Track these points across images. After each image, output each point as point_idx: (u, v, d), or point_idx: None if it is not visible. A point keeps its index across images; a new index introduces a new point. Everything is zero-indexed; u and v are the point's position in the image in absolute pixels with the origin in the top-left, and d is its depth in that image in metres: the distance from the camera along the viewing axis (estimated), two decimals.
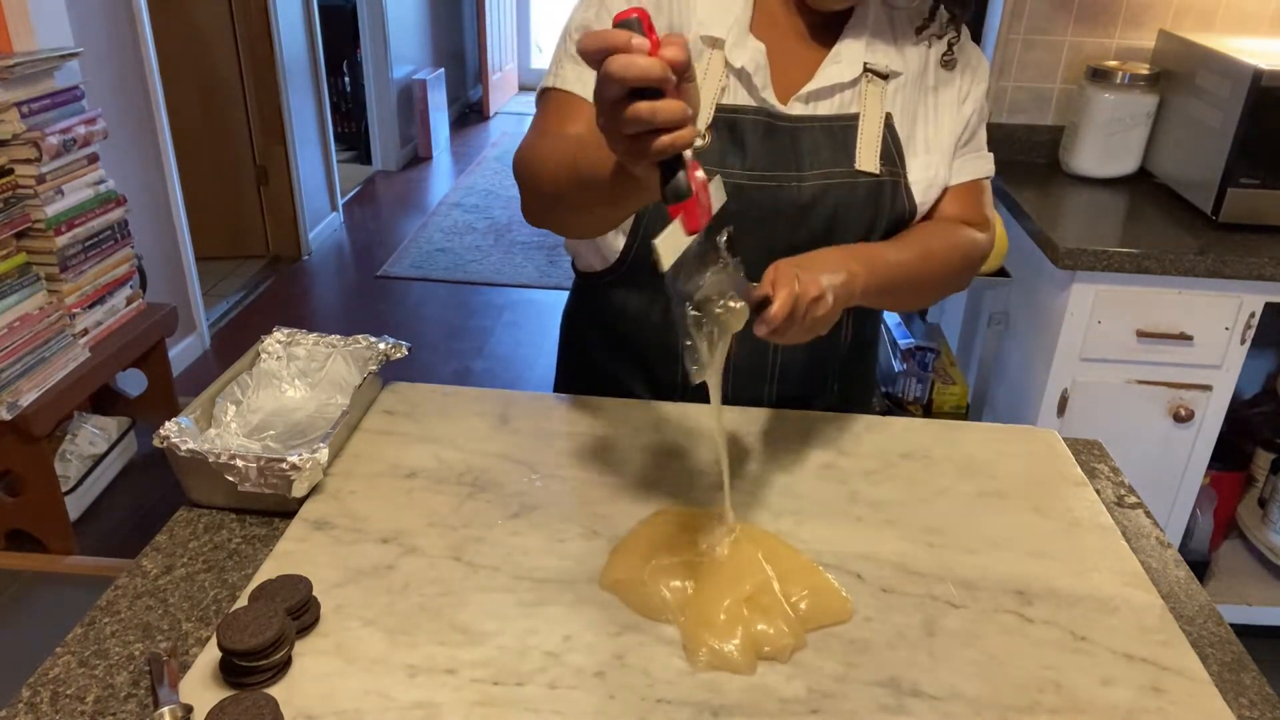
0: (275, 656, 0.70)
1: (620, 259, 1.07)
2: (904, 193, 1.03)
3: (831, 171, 1.01)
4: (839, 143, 1.02)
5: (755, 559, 0.83)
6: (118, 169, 2.56)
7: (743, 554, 0.84)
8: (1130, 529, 0.94)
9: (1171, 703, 0.72)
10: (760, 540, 0.86)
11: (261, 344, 1.09)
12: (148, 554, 0.86)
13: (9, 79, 2.00)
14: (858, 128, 1.03)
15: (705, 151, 1.00)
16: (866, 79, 1.03)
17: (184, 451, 0.88)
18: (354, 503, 0.91)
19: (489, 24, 6.41)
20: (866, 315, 1.14)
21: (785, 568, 0.83)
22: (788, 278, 0.82)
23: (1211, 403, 1.89)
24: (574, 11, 1.04)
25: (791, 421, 1.06)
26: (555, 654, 0.74)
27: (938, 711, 0.70)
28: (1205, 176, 1.92)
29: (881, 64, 1.03)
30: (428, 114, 5.65)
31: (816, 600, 0.80)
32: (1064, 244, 1.78)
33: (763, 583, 0.80)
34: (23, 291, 2.04)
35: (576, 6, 1.04)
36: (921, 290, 1.05)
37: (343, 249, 4.48)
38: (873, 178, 1.01)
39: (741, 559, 0.83)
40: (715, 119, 1.00)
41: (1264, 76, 1.77)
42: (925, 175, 1.05)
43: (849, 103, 1.03)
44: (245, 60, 3.89)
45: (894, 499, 0.95)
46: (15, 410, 1.96)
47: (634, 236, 1.05)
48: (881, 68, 1.03)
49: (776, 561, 0.84)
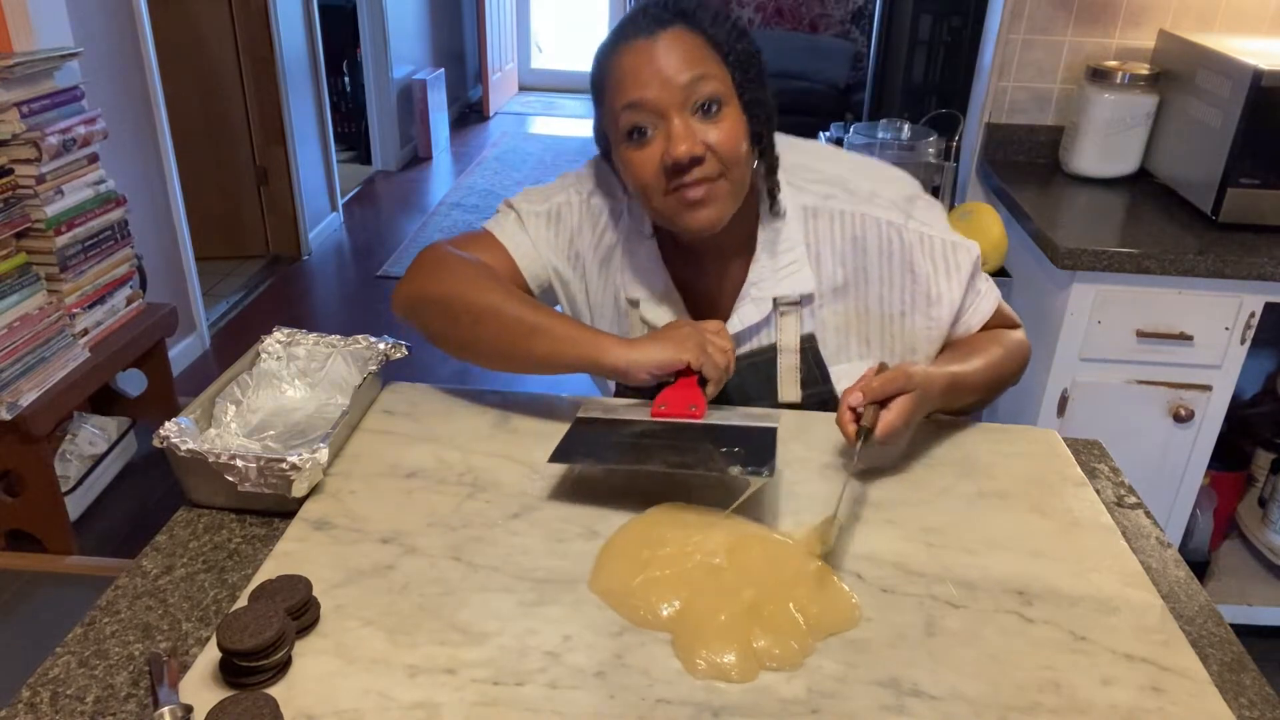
0: (275, 656, 0.70)
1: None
2: (831, 402, 1.09)
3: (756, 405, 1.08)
4: (763, 377, 1.09)
5: (757, 566, 0.83)
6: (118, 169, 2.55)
7: (742, 561, 0.83)
8: (1130, 529, 0.94)
9: (1171, 703, 0.72)
10: (764, 544, 0.86)
11: (261, 344, 1.09)
12: (148, 554, 0.86)
13: (9, 79, 2.00)
14: (776, 360, 1.09)
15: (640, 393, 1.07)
16: (779, 312, 1.07)
17: (184, 451, 0.88)
18: (354, 503, 0.91)
19: (489, 24, 6.41)
20: None
21: (791, 573, 0.83)
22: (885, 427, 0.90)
23: (1211, 403, 1.89)
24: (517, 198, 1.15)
25: (791, 421, 1.06)
26: (555, 654, 0.74)
27: (938, 711, 0.70)
28: (1205, 176, 1.92)
29: (793, 291, 1.06)
30: (428, 114, 5.65)
31: (825, 608, 0.79)
32: (1064, 244, 1.78)
33: (765, 591, 0.80)
34: (23, 291, 2.04)
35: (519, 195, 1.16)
36: (983, 397, 1.09)
37: (343, 249, 4.48)
38: (795, 407, 1.09)
39: (741, 566, 0.83)
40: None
41: (1264, 76, 1.77)
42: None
43: (764, 335, 1.08)
44: (245, 60, 3.89)
45: (894, 499, 0.95)
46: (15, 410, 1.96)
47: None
48: (794, 295, 1.06)
49: (782, 566, 0.83)
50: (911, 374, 0.93)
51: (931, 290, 1.07)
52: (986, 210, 1.96)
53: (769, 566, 0.83)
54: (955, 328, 1.11)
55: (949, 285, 1.07)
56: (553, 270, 1.14)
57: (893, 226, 1.06)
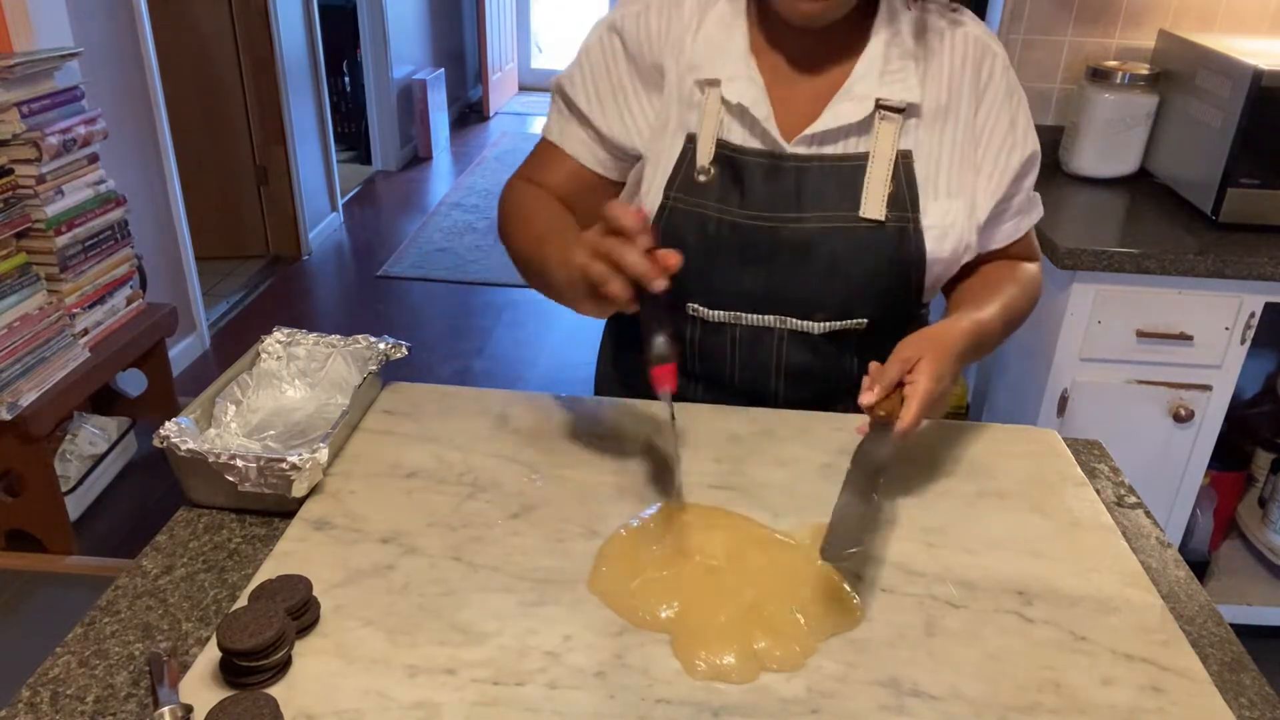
0: (275, 656, 0.70)
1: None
2: (913, 238, 1.00)
3: (832, 215, 1.00)
4: (846, 184, 1.00)
5: (756, 567, 0.83)
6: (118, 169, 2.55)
7: (742, 562, 0.83)
8: (1130, 529, 0.94)
9: (1171, 703, 0.72)
10: (764, 545, 0.86)
11: (261, 344, 1.09)
12: (148, 554, 0.86)
13: (9, 79, 2.00)
14: (866, 169, 0.99)
15: (706, 187, 1.01)
16: (879, 115, 0.99)
17: (184, 451, 0.88)
18: (354, 503, 0.91)
19: (489, 24, 6.41)
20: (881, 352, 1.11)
21: (792, 574, 0.82)
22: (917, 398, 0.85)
23: (1211, 403, 1.89)
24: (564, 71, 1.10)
25: (791, 421, 1.06)
26: (555, 654, 0.74)
27: (938, 711, 0.70)
28: (1205, 176, 1.92)
29: (897, 97, 0.98)
30: (428, 114, 5.65)
31: (827, 608, 0.79)
32: (1064, 244, 1.78)
33: (765, 592, 0.79)
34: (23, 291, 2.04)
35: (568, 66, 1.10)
36: (1002, 341, 1.06)
37: (343, 249, 4.48)
38: (876, 224, 0.99)
39: (741, 567, 0.83)
40: (718, 155, 1.01)
41: (1264, 76, 1.77)
42: (942, 221, 1.01)
43: (860, 141, 1.00)
44: (245, 60, 3.89)
45: (894, 499, 0.95)
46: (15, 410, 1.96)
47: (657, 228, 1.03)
48: (897, 101, 0.98)
49: (782, 567, 0.83)
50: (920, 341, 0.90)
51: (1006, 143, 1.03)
52: None
53: (769, 567, 0.83)
54: (1001, 222, 1.07)
55: (1022, 147, 1.04)
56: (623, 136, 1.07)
57: (999, 60, 1.03)
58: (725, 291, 1.04)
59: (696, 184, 1.01)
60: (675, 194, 1.02)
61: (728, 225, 1.01)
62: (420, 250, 4.39)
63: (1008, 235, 1.10)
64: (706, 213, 1.01)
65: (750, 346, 1.07)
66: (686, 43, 1.03)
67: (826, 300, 1.03)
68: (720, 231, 1.01)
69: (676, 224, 1.02)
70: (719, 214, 1.01)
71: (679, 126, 1.04)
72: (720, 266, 1.02)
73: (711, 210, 1.01)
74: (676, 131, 1.04)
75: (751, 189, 1.00)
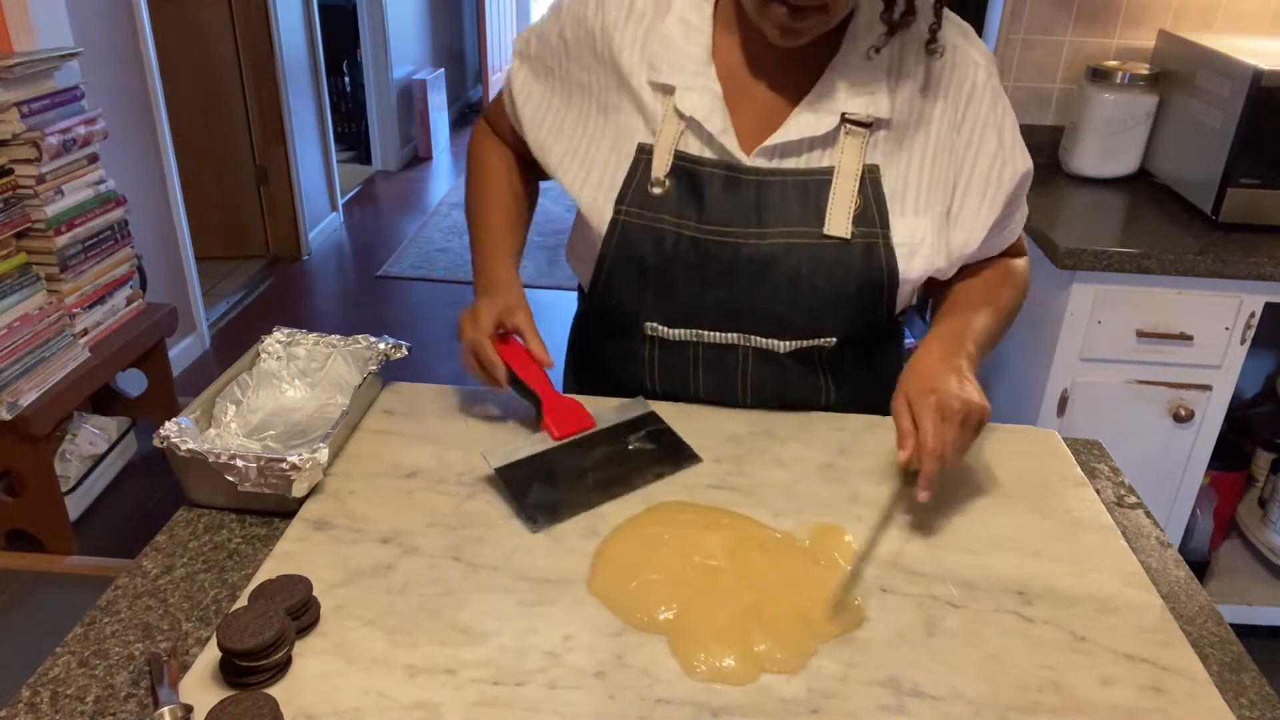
0: (275, 656, 0.70)
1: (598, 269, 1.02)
2: (882, 255, 0.95)
3: (795, 231, 0.95)
4: (809, 200, 0.95)
5: (757, 567, 0.82)
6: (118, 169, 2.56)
7: (742, 562, 0.83)
8: (1130, 529, 0.94)
9: (1171, 703, 0.72)
10: (764, 544, 0.86)
11: (261, 344, 1.09)
12: (148, 554, 0.86)
13: (9, 79, 2.00)
14: (831, 184, 0.95)
15: (663, 200, 0.96)
16: (845, 129, 0.94)
17: (184, 451, 0.88)
18: (354, 503, 0.91)
19: (489, 24, 6.41)
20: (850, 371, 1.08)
21: (794, 574, 0.82)
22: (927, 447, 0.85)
23: (1211, 403, 1.89)
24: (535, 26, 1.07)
25: (791, 421, 1.06)
26: (555, 654, 0.74)
27: (938, 711, 0.70)
28: (1205, 176, 1.92)
29: (864, 111, 0.93)
30: (428, 114, 5.65)
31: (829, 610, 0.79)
32: (1064, 244, 1.78)
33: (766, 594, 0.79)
34: (23, 291, 2.04)
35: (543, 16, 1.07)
36: (998, 340, 1.03)
37: (343, 249, 4.48)
38: (840, 241, 0.95)
39: (741, 568, 0.82)
40: (675, 167, 0.96)
41: (1264, 76, 1.77)
42: (911, 239, 0.96)
43: (823, 155, 0.95)
44: (245, 60, 3.89)
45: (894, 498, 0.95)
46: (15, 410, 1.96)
47: (598, 278, 1.03)
48: (864, 115, 0.93)
49: (783, 567, 0.83)
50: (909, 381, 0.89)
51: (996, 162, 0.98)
52: None
53: (770, 568, 0.83)
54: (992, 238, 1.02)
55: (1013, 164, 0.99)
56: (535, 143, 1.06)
57: (982, 70, 0.97)
58: (684, 309, 1.00)
59: (651, 197, 0.96)
60: (627, 208, 0.97)
61: (686, 240, 0.96)
62: (420, 250, 4.39)
63: (997, 247, 1.06)
64: (663, 227, 0.96)
65: (713, 365, 1.04)
66: (637, 34, 0.97)
67: (792, 318, 0.99)
68: (678, 247, 0.96)
69: (630, 239, 0.97)
70: (676, 228, 0.96)
71: (624, 132, 0.98)
72: (679, 283, 0.98)
73: (669, 225, 0.96)
74: (621, 138, 0.98)
75: (710, 203, 0.95)
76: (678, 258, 0.97)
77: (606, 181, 0.99)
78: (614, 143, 0.99)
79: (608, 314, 1.06)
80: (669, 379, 1.06)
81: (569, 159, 1.02)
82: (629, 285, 1.01)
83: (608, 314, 1.06)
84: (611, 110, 0.99)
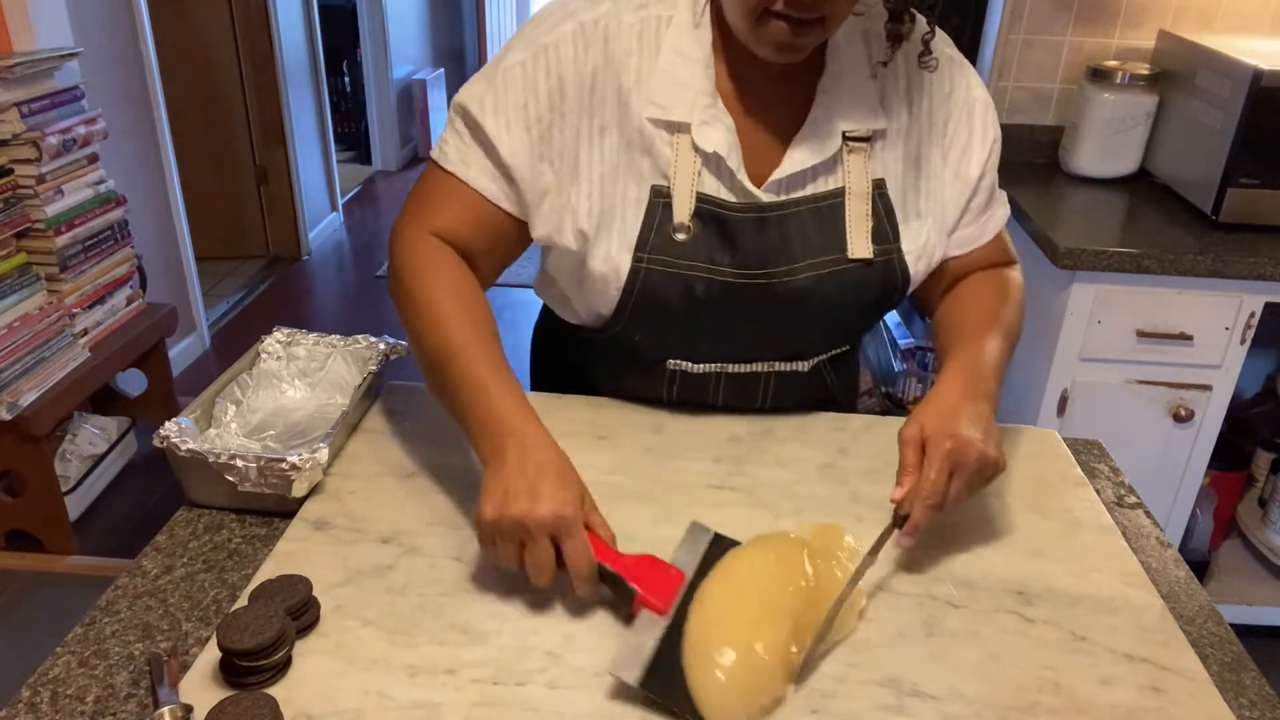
0: (275, 656, 0.70)
1: (614, 316, 0.97)
2: (898, 268, 0.96)
3: (820, 261, 0.94)
4: (827, 225, 0.94)
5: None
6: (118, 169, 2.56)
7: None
8: (1130, 529, 0.94)
9: (1171, 703, 0.72)
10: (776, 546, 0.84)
11: (261, 344, 1.09)
12: (148, 554, 0.86)
13: (9, 79, 2.00)
14: (844, 205, 0.94)
15: (688, 246, 0.92)
16: (847, 148, 0.94)
17: (184, 451, 0.88)
18: (354, 503, 0.91)
19: (489, 24, 6.41)
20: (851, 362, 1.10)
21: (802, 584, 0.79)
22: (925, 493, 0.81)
23: (1211, 403, 1.89)
24: (465, 86, 0.99)
25: (791, 421, 1.06)
26: (555, 654, 0.74)
27: (938, 711, 0.70)
28: (1205, 176, 1.92)
29: (863, 127, 0.93)
30: (428, 114, 5.65)
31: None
32: (1064, 244, 1.78)
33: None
34: (23, 291, 2.04)
35: (469, 81, 1.00)
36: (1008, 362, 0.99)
37: (343, 249, 4.48)
38: (865, 262, 0.94)
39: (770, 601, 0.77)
40: (699, 210, 0.92)
41: (1264, 76, 1.77)
42: (917, 244, 0.97)
43: (829, 178, 0.94)
44: (245, 60, 3.89)
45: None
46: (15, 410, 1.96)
47: (615, 320, 0.97)
48: (863, 131, 0.93)
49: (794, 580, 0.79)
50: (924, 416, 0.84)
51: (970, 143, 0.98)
52: None
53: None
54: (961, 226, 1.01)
55: (981, 140, 0.99)
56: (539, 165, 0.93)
57: (955, 63, 0.97)
58: (711, 347, 1.00)
59: (675, 243, 0.92)
60: (649, 255, 0.92)
61: (718, 285, 0.93)
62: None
63: (970, 240, 1.02)
64: (694, 274, 0.92)
65: (734, 388, 1.04)
66: (634, 73, 0.91)
67: (817, 342, 1.02)
68: (710, 291, 0.93)
69: (654, 288, 0.93)
70: (708, 274, 0.93)
71: (631, 175, 0.93)
72: (708, 325, 0.97)
73: (699, 272, 0.92)
74: (629, 181, 0.93)
75: (743, 246, 0.92)
76: (708, 302, 0.94)
77: (617, 228, 0.93)
78: (622, 188, 0.93)
79: (622, 350, 1.02)
80: (688, 402, 1.07)
81: (574, 212, 0.94)
82: (651, 329, 0.98)
83: (622, 350, 1.02)
84: (613, 153, 0.93)
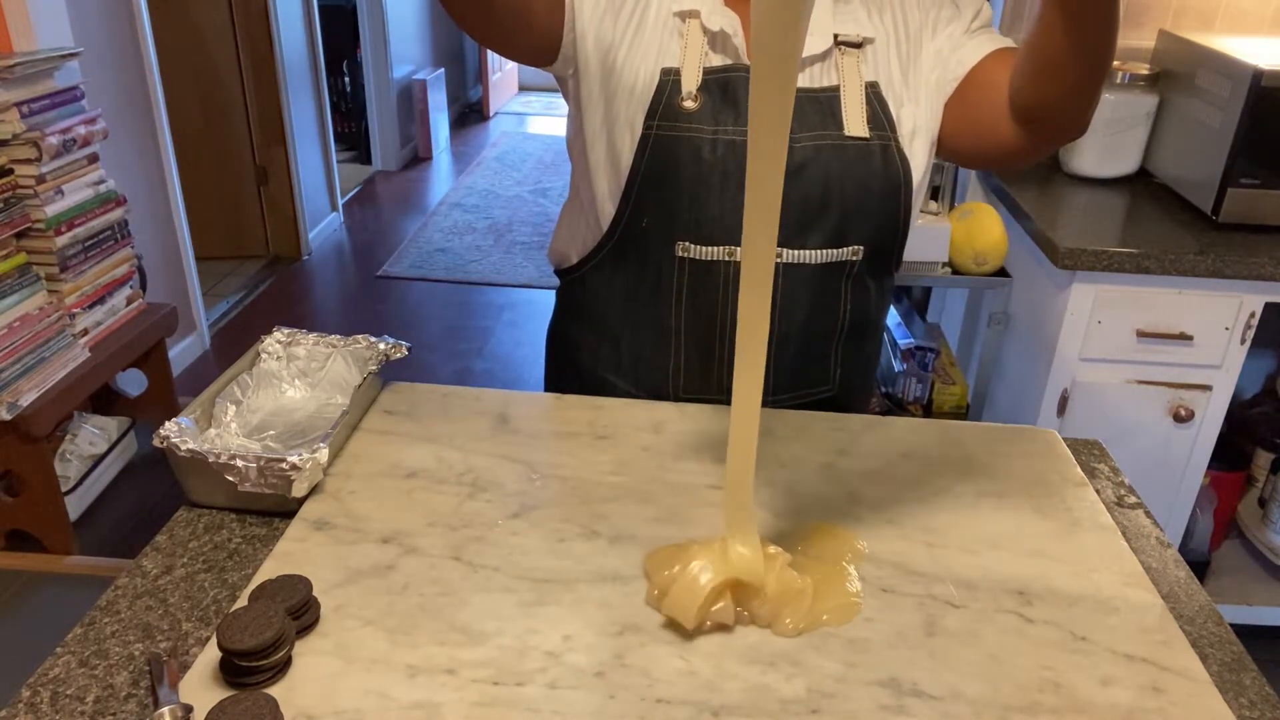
0: (275, 656, 0.70)
1: (610, 231, 1.06)
2: (895, 156, 1.02)
3: (822, 134, 1.01)
4: (824, 110, 1.02)
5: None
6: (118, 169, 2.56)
7: None
8: (1130, 529, 0.94)
9: (1171, 703, 0.72)
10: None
11: (261, 344, 1.09)
12: (148, 554, 0.86)
13: (9, 79, 2.00)
14: (839, 97, 1.02)
15: (697, 113, 1.00)
16: (839, 51, 1.02)
17: (184, 451, 0.88)
18: (354, 503, 0.91)
19: None
20: (867, 297, 1.11)
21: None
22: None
23: (1211, 403, 1.89)
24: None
25: (791, 421, 1.06)
26: (555, 654, 0.74)
27: (938, 711, 0.70)
28: (1205, 176, 1.92)
29: (852, 32, 1.01)
30: (428, 114, 5.65)
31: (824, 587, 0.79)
32: (1064, 244, 1.78)
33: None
34: (23, 291, 2.04)
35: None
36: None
37: (343, 249, 4.48)
38: (863, 141, 1.01)
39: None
40: (705, 82, 1.00)
41: (1264, 76, 1.77)
42: (911, 124, 1.03)
43: (824, 75, 1.02)
44: (245, 60, 3.89)
45: (894, 499, 0.95)
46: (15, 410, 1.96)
47: (625, 203, 1.04)
48: (853, 37, 1.01)
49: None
50: None
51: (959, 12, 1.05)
52: (986, 210, 1.96)
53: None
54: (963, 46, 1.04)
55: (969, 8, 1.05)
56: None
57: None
58: (718, 221, 1.02)
59: (682, 110, 1.00)
60: (658, 122, 1.00)
61: (724, 145, 1.00)
62: (420, 250, 4.39)
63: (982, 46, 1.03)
64: (700, 136, 1.00)
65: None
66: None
67: (822, 221, 1.02)
68: (715, 153, 1.00)
69: (662, 154, 1.00)
70: (714, 134, 1.00)
71: (647, 55, 1.02)
72: (713, 193, 1.01)
73: (705, 133, 1.00)
74: (644, 60, 1.02)
75: (745, 107, 0.99)
76: (715, 165, 1.00)
77: (635, 97, 1.01)
78: (640, 61, 1.02)
79: (633, 245, 1.06)
80: (699, 312, 1.06)
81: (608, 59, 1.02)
82: (660, 202, 1.02)
83: (633, 245, 1.06)
84: (638, 29, 1.02)
